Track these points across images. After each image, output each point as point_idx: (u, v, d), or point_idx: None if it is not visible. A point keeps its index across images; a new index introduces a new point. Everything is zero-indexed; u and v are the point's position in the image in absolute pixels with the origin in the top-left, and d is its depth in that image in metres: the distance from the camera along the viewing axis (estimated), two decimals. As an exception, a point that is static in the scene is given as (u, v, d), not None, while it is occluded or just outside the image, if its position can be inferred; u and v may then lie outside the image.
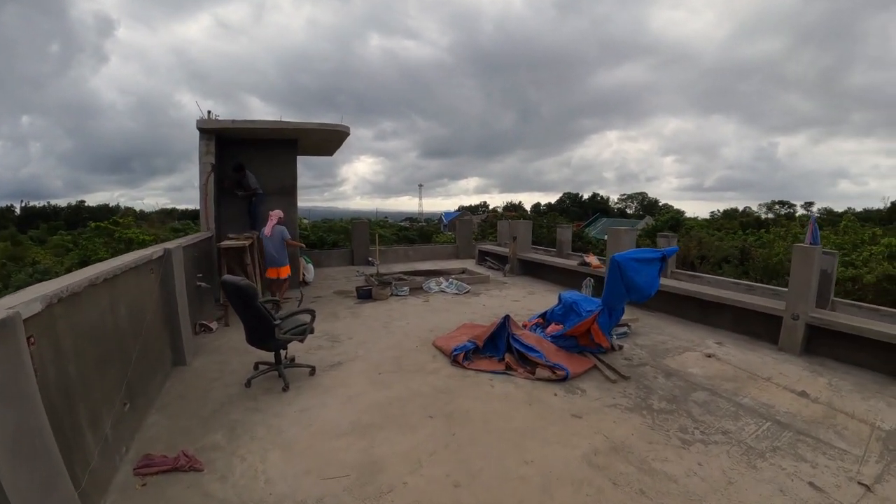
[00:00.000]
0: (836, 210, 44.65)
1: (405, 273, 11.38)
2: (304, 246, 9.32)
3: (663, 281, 8.45)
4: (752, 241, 19.45)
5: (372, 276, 10.73)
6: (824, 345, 6.15)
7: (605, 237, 11.37)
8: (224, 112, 8.54)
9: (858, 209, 42.01)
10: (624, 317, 6.91)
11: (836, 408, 4.76)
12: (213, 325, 7.06)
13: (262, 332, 4.57)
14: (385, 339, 6.50)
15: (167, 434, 3.98)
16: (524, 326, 6.88)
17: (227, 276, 4.67)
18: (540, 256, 12.01)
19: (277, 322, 4.57)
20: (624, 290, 5.54)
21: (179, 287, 5.38)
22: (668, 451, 3.90)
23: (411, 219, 66.03)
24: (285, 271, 8.21)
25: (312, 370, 5.13)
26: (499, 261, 13.17)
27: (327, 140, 10.62)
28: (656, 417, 4.51)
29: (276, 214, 8.07)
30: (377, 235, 13.09)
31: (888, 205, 46.78)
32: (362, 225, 14.05)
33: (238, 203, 9.67)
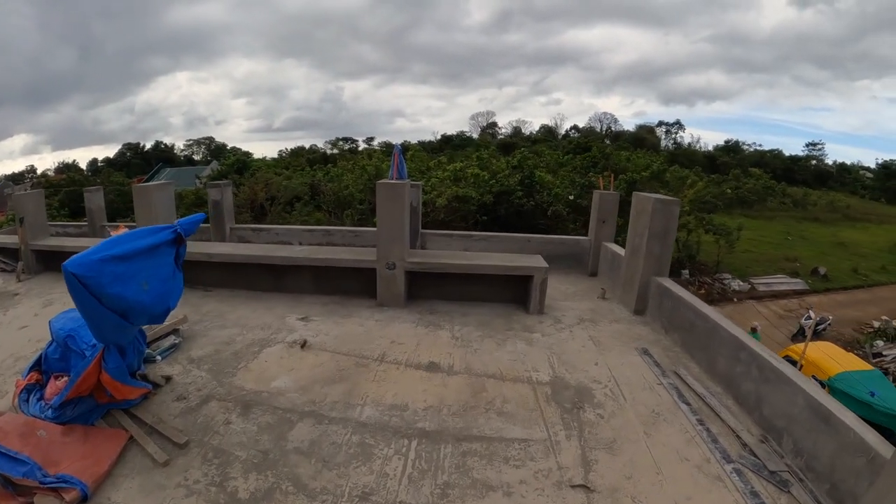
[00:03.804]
0: (392, 142, 54.59)
1: None
2: None
3: (217, 249, 6.17)
4: (322, 177, 19.92)
5: None
6: (430, 286, 5.63)
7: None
8: None
9: (413, 141, 53.22)
10: (165, 322, 4.08)
11: (477, 372, 4.01)
12: None
13: None
14: None
15: None
16: (16, 389, 3.39)
17: None
18: (62, 242, 7.51)
19: None
20: (115, 316, 2.96)
21: None
22: None
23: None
24: None
25: None
26: (14, 258, 7.84)
27: None
28: (252, 521, 2.55)
29: None
30: None
31: (439, 137, 61.59)
32: None
33: None
